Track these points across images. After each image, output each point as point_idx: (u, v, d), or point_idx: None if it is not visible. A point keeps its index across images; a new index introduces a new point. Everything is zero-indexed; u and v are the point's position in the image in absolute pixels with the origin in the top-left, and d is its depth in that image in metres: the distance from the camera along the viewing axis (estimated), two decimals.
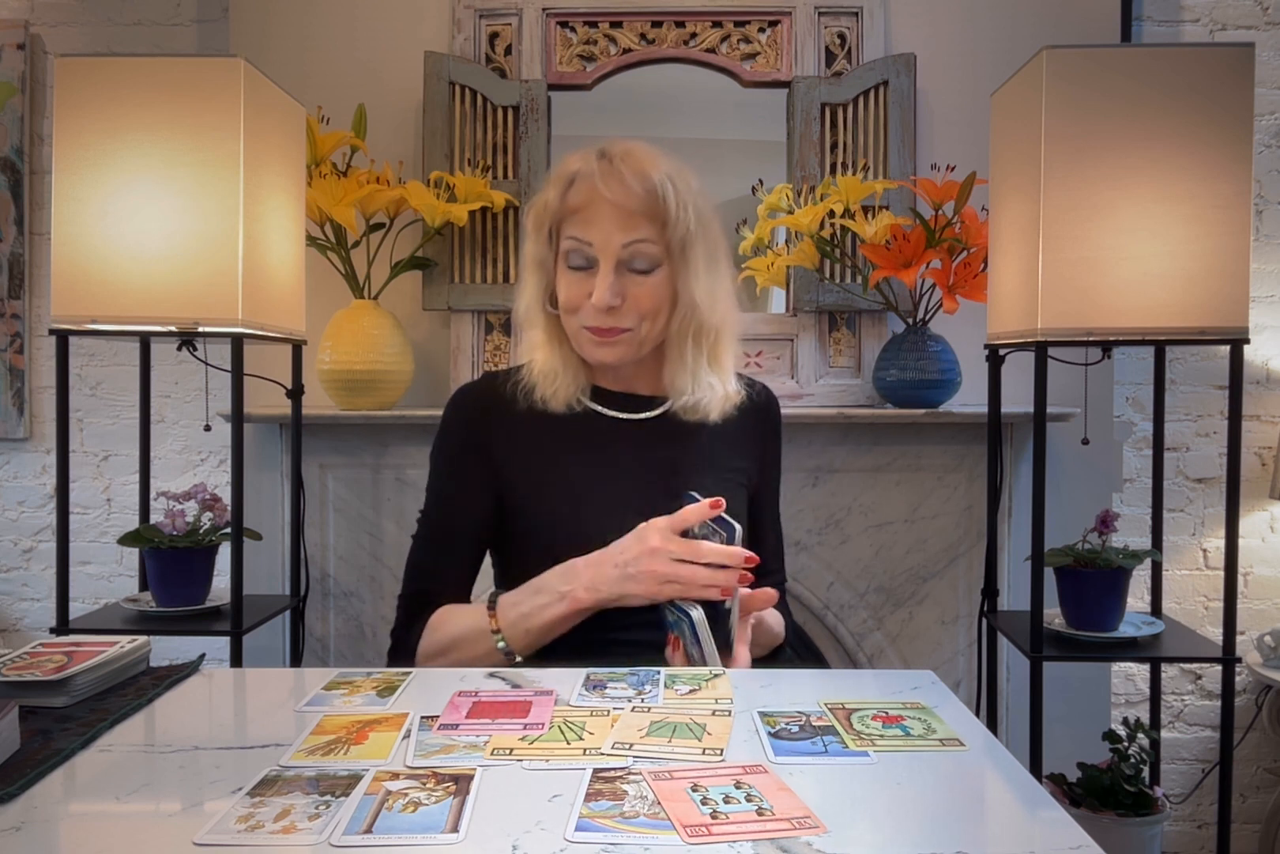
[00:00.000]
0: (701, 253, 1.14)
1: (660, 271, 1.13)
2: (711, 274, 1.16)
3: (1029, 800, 0.69)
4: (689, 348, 1.16)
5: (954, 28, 2.04)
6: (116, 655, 0.92)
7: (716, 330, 1.17)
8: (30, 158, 2.28)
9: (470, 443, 1.19)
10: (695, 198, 1.13)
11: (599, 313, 1.12)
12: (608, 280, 1.11)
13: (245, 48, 1.95)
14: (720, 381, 1.19)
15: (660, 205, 1.10)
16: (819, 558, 1.96)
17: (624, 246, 1.11)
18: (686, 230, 1.12)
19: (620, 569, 1.02)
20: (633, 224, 1.11)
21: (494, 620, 1.09)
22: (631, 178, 1.10)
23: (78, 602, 2.23)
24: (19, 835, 0.62)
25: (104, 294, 1.45)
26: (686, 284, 1.14)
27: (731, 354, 1.22)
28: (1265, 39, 2.22)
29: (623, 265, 1.12)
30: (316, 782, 0.70)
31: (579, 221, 1.12)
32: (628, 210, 1.10)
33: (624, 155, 1.12)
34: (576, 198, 1.12)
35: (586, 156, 1.14)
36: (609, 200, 1.10)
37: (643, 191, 1.10)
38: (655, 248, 1.12)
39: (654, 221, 1.11)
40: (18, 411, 2.28)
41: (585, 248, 1.12)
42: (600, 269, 1.12)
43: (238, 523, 1.55)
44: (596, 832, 0.62)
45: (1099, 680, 2.01)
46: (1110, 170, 1.40)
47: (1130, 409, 2.26)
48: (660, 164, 1.12)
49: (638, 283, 1.13)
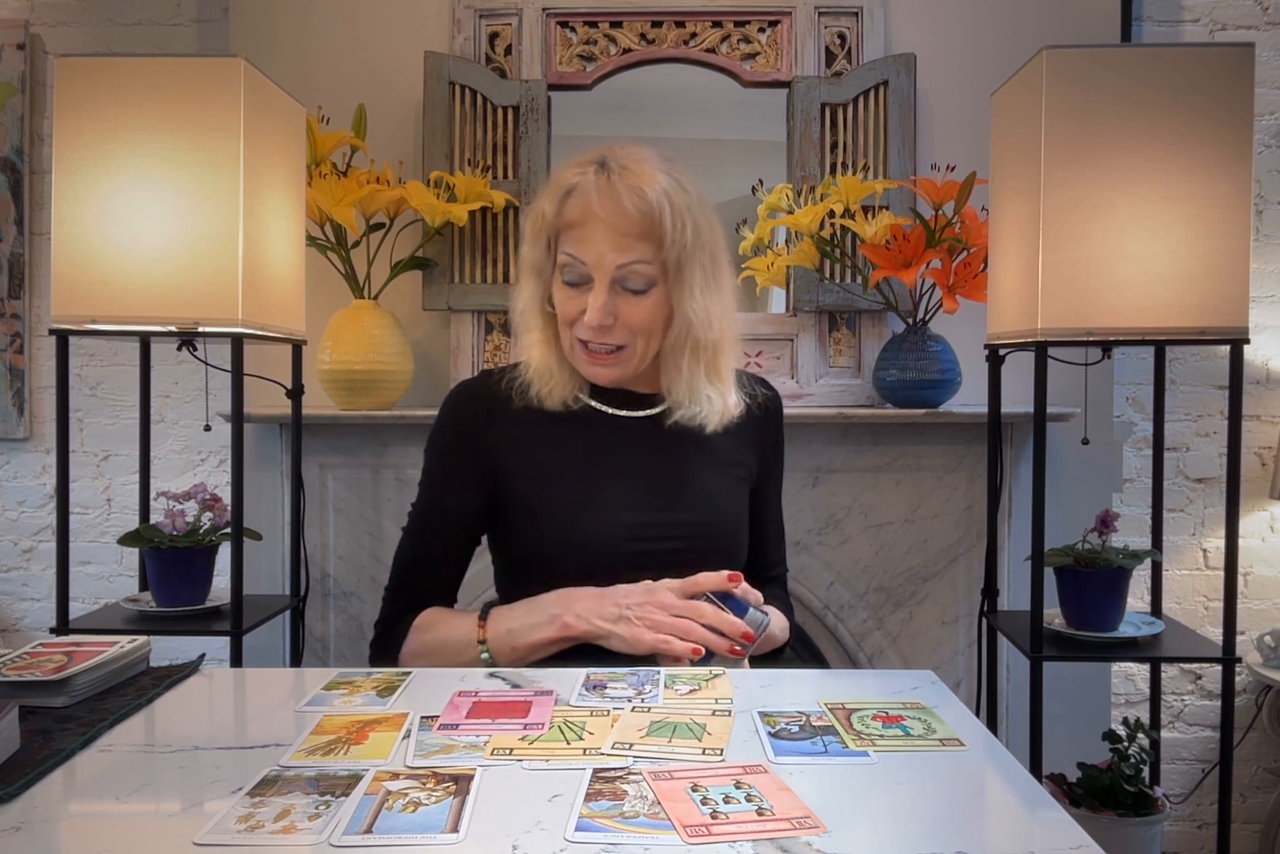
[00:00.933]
0: (698, 270, 1.13)
1: (655, 291, 1.12)
2: (709, 290, 1.14)
3: (1029, 800, 0.70)
4: (685, 360, 1.16)
5: (954, 28, 2.04)
6: (116, 655, 0.92)
7: (714, 345, 1.17)
8: (30, 158, 2.28)
9: (465, 440, 1.19)
10: (694, 212, 1.12)
11: (592, 331, 1.12)
12: (600, 300, 1.10)
13: (245, 48, 1.95)
14: (719, 394, 1.18)
15: (656, 226, 1.09)
16: (819, 558, 1.96)
17: (618, 267, 1.10)
18: (683, 249, 1.11)
19: (619, 609, 1.04)
20: (627, 245, 1.09)
21: (482, 631, 1.09)
22: (628, 197, 1.08)
23: (78, 602, 2.23)
24: (19, 835, 0.62)
25: (104, 294, 1.45)
26: (681, 303, 1.13)
27: (731, 364, 1.21)
28: (1265, 39, 2.22)
29: (616, 284, 1.12)
30: (316, 782, 0.70)
31: (574, 239, 1.11)
32: (621, 231, 1.09)
33: (621, 170, 1.10)
34: (572, 212, 1.11)
35: (584, 168, 1.12)
36: (604, 220, 1.09)
37: (638, 213, 1.08)
38: (650, 268, 1.11)
39: (649, 242, 1.10)
40: (18, 411, 2.28)
41: (580, 266, 1.11)
42: (594, 288, 1.11)
43: (238, 523, 1.55)
44: (596, 832, 0.62)
45: (1099, 680, 2.01)
46: (1110, 170, 1.40)
47: (1130, 409, 2.26)
48: (658, 179, 1.10)
49: (631, 302, 1.12)
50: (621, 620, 1.03)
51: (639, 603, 1.03)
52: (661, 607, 1.03)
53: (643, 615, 1.02)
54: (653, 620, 1.02)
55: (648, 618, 1.02)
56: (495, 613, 1.11)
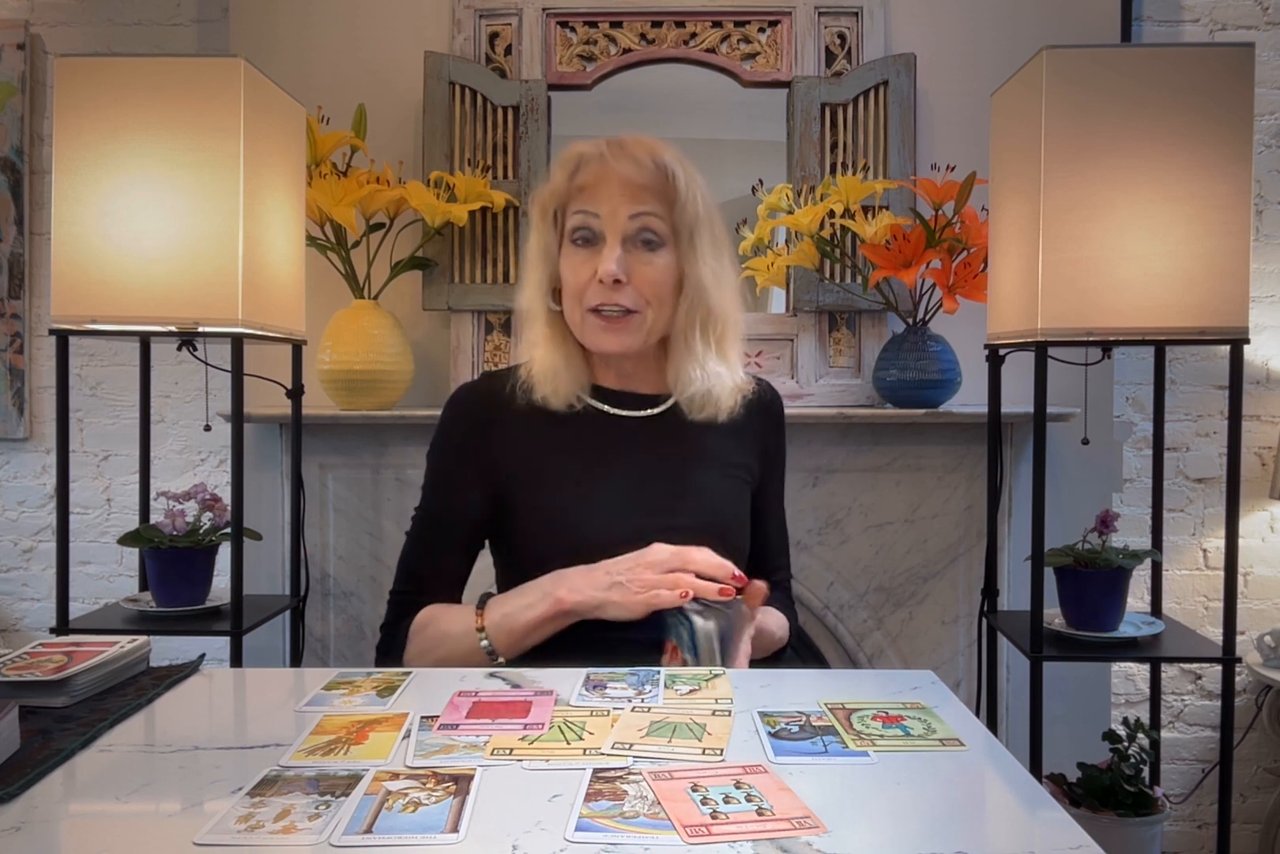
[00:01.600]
0: (708, 240, 1.15)
1: (667, 252, 1.14)
2: (718, 261, 1.16)
3: (1029, 800, 0.69)
4: (696, 338, 1.16)
5: (954, 28, 2.04)
6: (116, 655, 0.92)
7: (724, 320, 1.17)
8: (30, 158, 2.28)
9: (468, 442, 1.19)
10: (702, 190, 1.15)
11: (605, 289, 1.12)
12: (615, 253, 1.11)
13: (245, 48, 1.95)
14: (729, 372, 1.19)
15: (669, 184, 1.11)
16: (819, 558, 1.96)
17: (631, 218, 1.11)
18: (695, 215, 1.13)
19: (610, 577, 1.04)
20: (641, 197, 1.12)
21: (480, 619, 1.09)
22: (642, 155, 1.12)
23: (78, 602, 2.23)
24: (19, 835, 0.62)
25: (104, 294, 1.45)
26: (694, 267, 1.14)
27: (737, 350, 1.21)
28: (1265, 39, 2.22)
29: (629, 241, 1.12)
30: (316, 782, 0.70)
31: (586, 197, 1.13)
32: (637, 184, 1.11)
33: (634, 140, 1.14)
34: (585, 176, 1.14)
35: (596, 142, 1.15)
36: (618, 174, 1.12)
37: (653, 167, 1.11)
38: (663, 224, 1.13)
39: (662, 200, 1.12)
40: (18, 411, 2.28)
41: (592, 220, 1.13)
42: (607, 242, 1.12)
43: (238, 523, 1.55)
44: (596, 832, 0.62)
45: (1099, 680, 2.01)
46: (1110, 170, 1.40)
47: (1130, 409, 2.26)
48: (671, 150, 1.14)
49: (644, 261, 1.13)
50: (614, 587, 1.03)
51: (629, 567, 1.03)
52: (651, 566, 1.02)
53: (633, 578, 1.02)
54: (644, 580, 1.02)
55: (639, 579, 1.02)
56: (491, 600, 1.12)
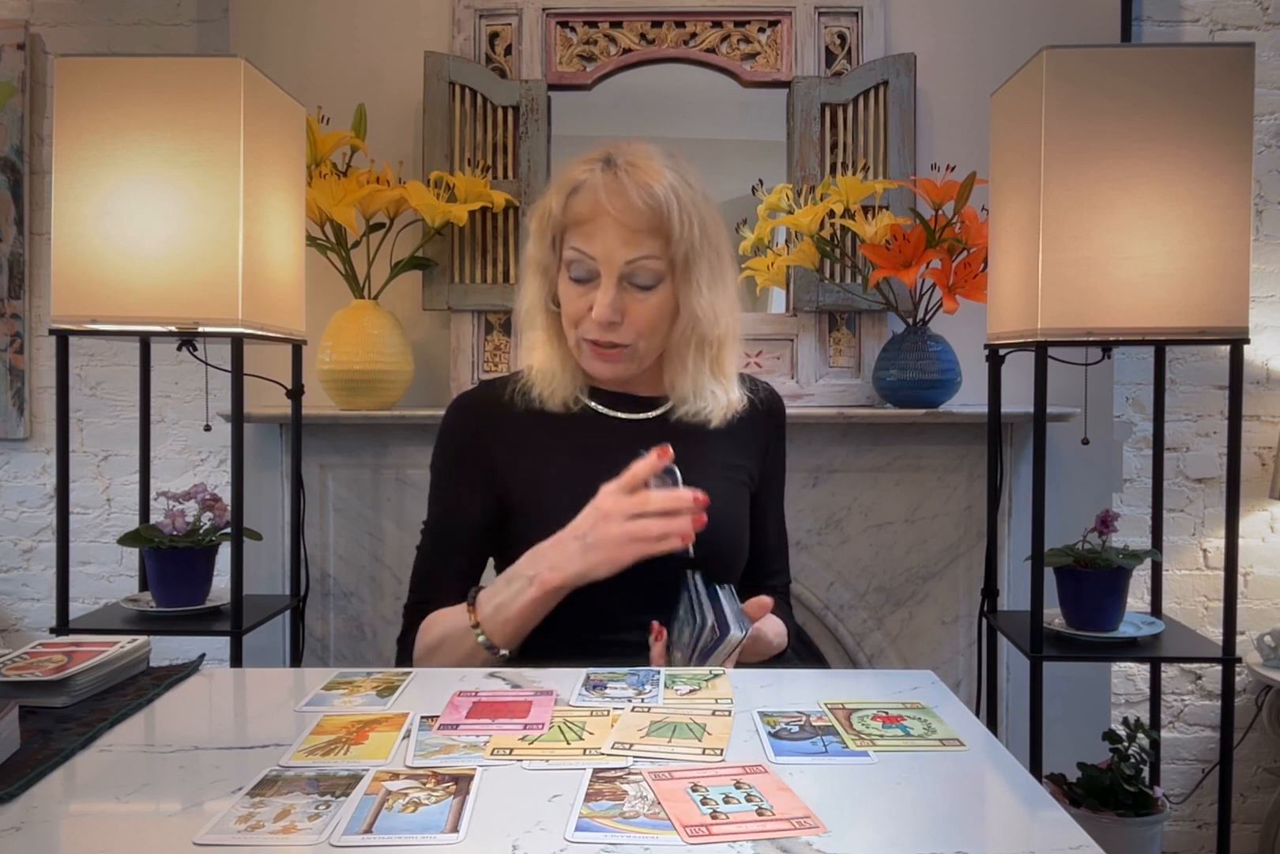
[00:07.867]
0: (705, 267, 1.13)
1: (662, 287, 1.13)
2: (714, 287, 1.15)
3: (1029, 800, 0.69)
4: (690, 356, 1.16)
5: (954, 28, 2.04)
6: (116, 655, 0.92)
7: (719, 341, 1.17)
8: (30, 158, 2.28)
9: (469, 450, 1.19)
10: (700, 207, 1.12)
11: (599, 327, 1.12)
12: (609, 296, 1.10)
13: (245, 48, 1.95)
14: (723, 390, 1.19)
15: (664, 222, 1.09)
16: (819, 558, 1.96)
17: (626, 263, 1.10)
18: (690, 245, 1.11)
19: (579, 541, 1.03)
20: (636, 241, 1.09)
21: (473, 615, 1.09)
22: (636, 193, 1.08)
23: (78, 602, 2.23)
24: (19, 835, 0.62)
25: (104, 294, 1.45)
26: (688, 299, 1.13)
27: (735, 361, 1.21)
28: (1265, 39, 2.22)
29: (624, 280, 1.11)
30: (316, 782, 0.70)
31: (582, 234, 1.11)
32: (631, 227, 1.09)
33: (629, 167, 1.10)
34: (580, 208, 1.11)
35: (591, 165, 1.12)
36: (612, 216, 1.09)
37: (647, 208, 1.08)
38: (659, 263, 1.11)
39: (658, 237, 1.10)
40: (18, 411, 2.28)
41: (588, 261, 1.11)
42: (602, 284, 1.11)
43: (238, 523, 1.55)
44: (596, 832, 0.62)
45: (1099, 680, 2.01)
46: (1110, 170, 1.40)
47: (1130, 409, 2.26)
48: (665, 175, 1.10)
49: (639, 299, 1.12)
50: (589, 550, 1.02)
51: (591, 526, 1.02)
52: (610, 517, 1.01)
53: (600, 536, 1.01)
54: (612, 535, 1.01)
55: (605, 535, 1.01)
56: (480, 595, 1.11)
